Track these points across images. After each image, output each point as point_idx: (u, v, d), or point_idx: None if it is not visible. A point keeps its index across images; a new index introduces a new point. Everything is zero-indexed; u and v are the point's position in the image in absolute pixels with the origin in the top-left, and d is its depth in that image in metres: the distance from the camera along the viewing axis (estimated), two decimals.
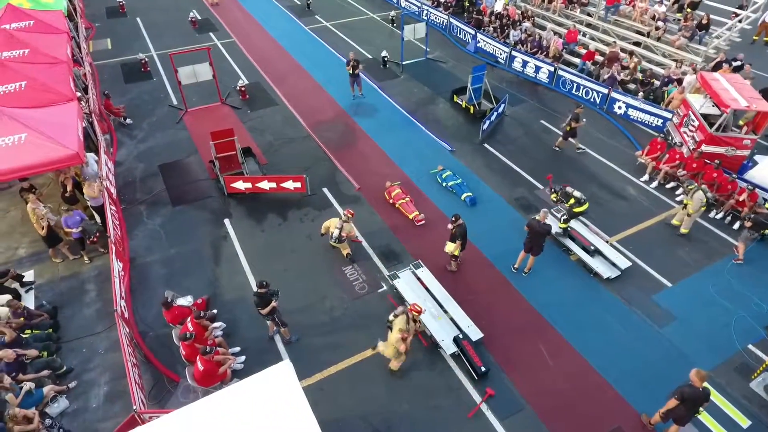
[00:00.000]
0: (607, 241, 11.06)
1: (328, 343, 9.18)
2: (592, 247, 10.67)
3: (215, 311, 9.59)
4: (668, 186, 12.93)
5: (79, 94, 13.52)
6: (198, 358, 7.82)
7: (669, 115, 14.78)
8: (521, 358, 8.90)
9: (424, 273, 10.17)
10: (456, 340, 8.83)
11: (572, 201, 10.80)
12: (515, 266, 10.58)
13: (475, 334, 8.96)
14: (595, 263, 10.41)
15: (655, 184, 12.97)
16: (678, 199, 12.47)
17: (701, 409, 7.30)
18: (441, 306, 9.51)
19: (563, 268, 10.70)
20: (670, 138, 14.15)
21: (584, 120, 13.75)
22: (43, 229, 10.18)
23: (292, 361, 6.71)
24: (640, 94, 16.00)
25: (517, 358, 8.90)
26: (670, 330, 9.39)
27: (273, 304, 8.44)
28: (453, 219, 9.85)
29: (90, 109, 13.93)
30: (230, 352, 8.76)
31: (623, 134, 15.19)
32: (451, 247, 9.98)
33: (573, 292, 10.14)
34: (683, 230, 11.37)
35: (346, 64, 16.14)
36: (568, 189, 11.20)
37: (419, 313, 8.08)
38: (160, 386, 8.48)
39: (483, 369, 8.41)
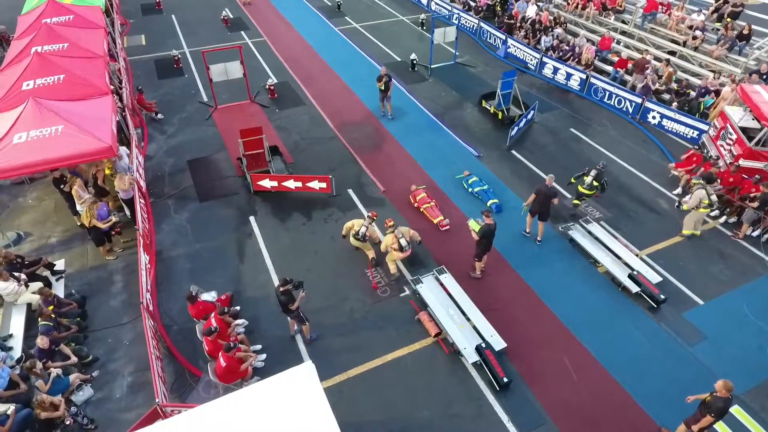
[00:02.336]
0: (636, 255, 10.77)
1: (348, 345, 9.15)
2: (662, 296, 9.67)
3: (238, 308, 9.65)
4: None
5: (112, 88, 13.81)
6: (220, 354, 7.87)
7: (705, 127, 14.34)
8: (545, 371, 8.72)
9: (448, 279, 10.05)
10: (478, 349, 8.69)
11: (584, 179, 11.29)
12: (527, 231, 11.27)
13: (498, 343, 8.81)
14: (623, 276, 10.14)
15: (687, 197, 12.57)
16: (712, 214, 12.08)
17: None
18: (464, 314, 9.37)
19: (591, 280, 10.45)
20: (705, 151, 13.73)
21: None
22: (90, 221, 10.21)
23: (312, 361, 6.68)
24: (675, 104, 15.58)
25: (540, 371, 8.71)
26: (700, 349, 9.08)
27: (302, 294, 8.48)
28: (485, 213, 9.81)
29: (123, 104, 14.23)
30: (251, 349, 8.80)
31: (656, 145, 14.81)
32: (474, 225, 9.89)
33: (600, 305, 9.89)
34: (685, 231, 11.30)
35: (378, 80, 15.10)
36: (586, 171, 11.42)
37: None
38: (182, 380, 8.56)
39: (505, 380, 8.25)
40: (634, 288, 9.95)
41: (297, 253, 11.00)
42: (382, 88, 15.16)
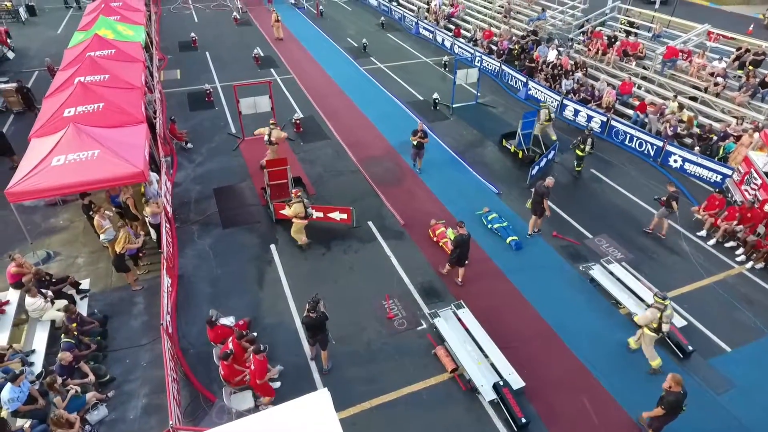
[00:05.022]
0: None
1: (363, 376, 9.05)
2: (690, 348, 9.40)
3: (255, 334, 9.64)
4: (727, 245, 12.31)
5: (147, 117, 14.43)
6: (253, 356, 7.99)
7: (729, 171, 14.24)
8: (564, 413, 8.45)
9: (466, 314, 9.96)
10: (496, 387, 8.51)
11: (581, 146, 14.46)
12: (529, 233, 12.44)
13: (516, 382, 8.61)
14: None
15: (713, 241, 12.39)
16: (738, 259, 11.86)
17: (684, 407, 7.47)
18: (481, 350, 9.23)
19: (612, 320, 10.23)
20: (729, 195, 13.59)
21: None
22: (122, 247, 10.30)
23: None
24: (697, 148, 15.56)
25: (559, 412, 8.45)
26: (728, 398, 8.72)
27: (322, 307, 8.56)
28: (458, 225, 10.50)
29: (156, 133, 14.83)
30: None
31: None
32: (451, 234, 11.15)
33: (622, 348, 9.63)
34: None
35: (412, 135, 14.41)
36: (581, 140, 14.46)
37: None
38: (196, 404, 8.52)
39: (524, 420, 8.01)
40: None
41: (315, 282, 11.05)
42: (415, 143, 14.49)
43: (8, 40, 24.42)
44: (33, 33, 27.63)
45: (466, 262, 11.38)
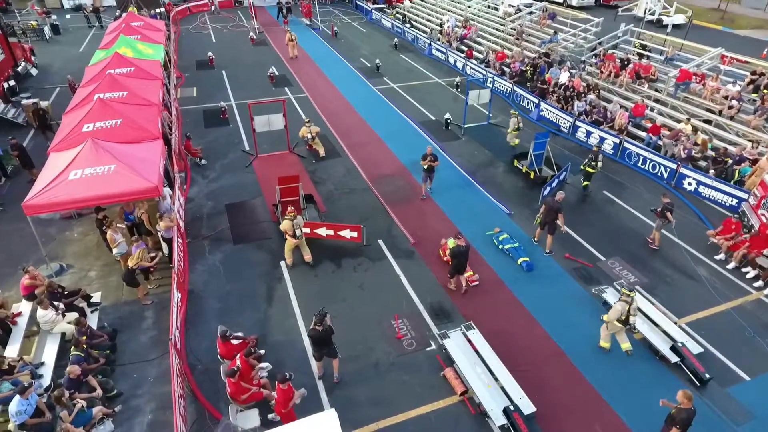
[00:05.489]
0: (675, 323, 10.32)
1: (370, 397, 8.92)
2: (707, 375, 9.12)
3: (262, 351, 9.62)
4: (744, 270, 12.06)
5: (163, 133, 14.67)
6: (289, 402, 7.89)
7: (744, 195, 14.04)
8: None
9: (476, 336, 9.81)
10: (506, 411, 8.32)
11: (592, 164, 14.65)
12: (535, 239, 12.86)
13: (527, 407, 8.41)
14: (662, 345, 9.68)
15: (732, 264, 12.16)
16: (755, 285, 11.61)
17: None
18: (492, 373, 9.06)
19: None
20: (746, 220, 13.37)
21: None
22: (135, 263, 10.44)
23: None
24: (711, 171, 15.40)
25: None
26: (748, 429, 8.44)
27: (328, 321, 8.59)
28: (457, 235, 10.83)
29: (171, 148, 15.06)
30: (273, 394, 8.67)
31: (692, 211, 14.53)
32: (451, 243, 11.11)
33: (636, 373, 9.41)
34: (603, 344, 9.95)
35: (422, 159, 14.14)
36: (592, 158, 14.68)
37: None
38: (202, 421, 8.45)
39: None
40: (674, 358, 9.47)
41: (325, 300, 10.98)
42: (425, 168, 14.19)
43: (32, 58, 25.23)
44: (56, 51, 28.51)
45: (476, 283, 11.35)
